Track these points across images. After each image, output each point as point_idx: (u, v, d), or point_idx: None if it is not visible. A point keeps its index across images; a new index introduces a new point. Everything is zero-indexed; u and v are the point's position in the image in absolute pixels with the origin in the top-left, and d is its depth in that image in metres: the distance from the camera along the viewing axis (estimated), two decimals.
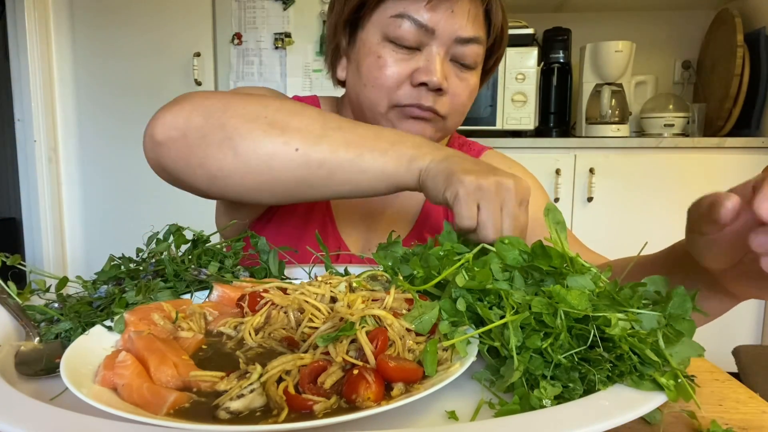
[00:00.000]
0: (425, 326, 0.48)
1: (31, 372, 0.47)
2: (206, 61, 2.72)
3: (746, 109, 2.38)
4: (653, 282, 0.49)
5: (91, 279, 0.62)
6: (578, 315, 0.43)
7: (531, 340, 0.43)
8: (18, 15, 2.62)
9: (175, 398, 0.39)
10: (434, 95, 0.79)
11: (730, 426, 0.41)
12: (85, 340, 0.48)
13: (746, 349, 1.46)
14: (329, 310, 0.52)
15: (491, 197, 0.55)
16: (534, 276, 0.49)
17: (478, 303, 0.48)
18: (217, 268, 0.64)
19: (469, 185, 0.55)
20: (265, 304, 0.54)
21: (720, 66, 2.48)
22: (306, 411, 0.38)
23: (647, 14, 2.78)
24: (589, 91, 2.55)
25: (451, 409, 0.41)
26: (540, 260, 0.49)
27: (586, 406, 0.39)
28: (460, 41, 0.78)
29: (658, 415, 0.42)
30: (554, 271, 0.48)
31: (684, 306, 0.45)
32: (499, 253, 0.50)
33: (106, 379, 0.42)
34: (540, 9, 2.76)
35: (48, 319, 0.55)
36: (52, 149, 2.75)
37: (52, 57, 2.75)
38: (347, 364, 0.43)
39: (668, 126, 2.47)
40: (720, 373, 0.51)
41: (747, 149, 2.21)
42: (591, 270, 0.48)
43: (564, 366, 0.42)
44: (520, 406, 0.40)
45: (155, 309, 0.52)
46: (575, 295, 0.44)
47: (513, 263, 0.50)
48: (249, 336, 0.50)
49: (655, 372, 0.41)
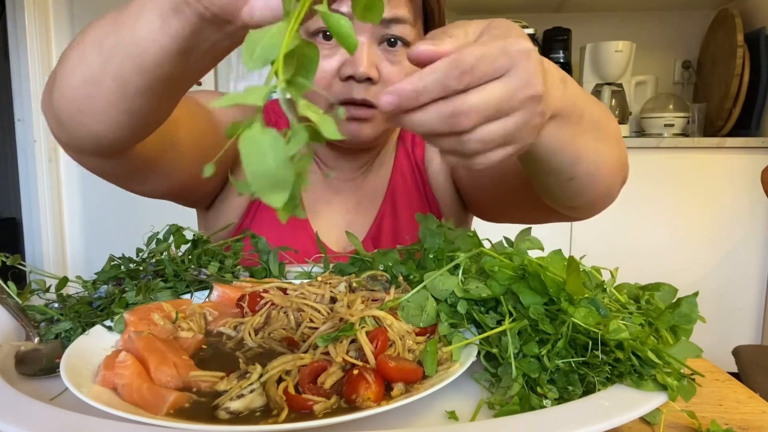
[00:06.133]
0: (429, 320, 0.48)
1: (31, 372, 0.47)
2: None
3: (746, 109, 2.38)
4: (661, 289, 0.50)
5: (91, 279, 0.62)
6: (587, 331, 0.43)
7: (528, 347, 0.43)
8: (18, 15, 2.62)
9: (174, 398, 0.39)
10: (365, 86, 0.75)
11: (730, 426, 0.41)
12: (85, 340, 0.48)
13: (746, 349, 1.46)
14: (329, 311, 0.52)
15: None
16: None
17: (475, 308, 0.48)
18: (217, 268, 0.64)
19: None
20: (265, 304, 0.54)
21: (720, 66, 2.48)
22: (306, 411, 0.38)
23: (647, 14, 2.78)
24: (589, 91, 2.54)
25: (451, 409, 0.41)
26: (534, 283, 0.47)
27: (586, 406, 0.39)
28: (381, 23, 0.74)
29: (658, 415, 0.42)
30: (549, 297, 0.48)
31: (691, 313, 0.45)
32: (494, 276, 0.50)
33: (106, 379, 0.42)
34: (540, 9, 2.75)
35: (48, 319, 0.55)
36: (52, 149, 2.75)
37: (52, 57, 2.75)
38: (347, 364, 0.43)
39: (668, 126, 2.47)
40: (720, 373, 0.51)
41: (747, 149, 2.21)
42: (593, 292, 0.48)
43: (563, 370, 0.42)
44: (520, 407, 0.40)
45: (155, 309, 0.52)
46: (583, 313, 0.44)
47: (507, 282, 0.49)
48: (249, 336, 0.50)
49: (656, 371, 0.41)
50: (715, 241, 2.27)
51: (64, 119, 0.57)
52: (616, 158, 0.59)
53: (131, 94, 0.50)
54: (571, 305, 0.44)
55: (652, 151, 2.26)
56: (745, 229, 2.26)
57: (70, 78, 0.54)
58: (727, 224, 2.26)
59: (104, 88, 0.51)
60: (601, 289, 0.50)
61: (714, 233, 2.27)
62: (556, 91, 0.44)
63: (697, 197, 2.26)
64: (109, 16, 0.52)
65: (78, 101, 0.54)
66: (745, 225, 2.26)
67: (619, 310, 0.47)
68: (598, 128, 0.53)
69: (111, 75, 0.50)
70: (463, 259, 0.50)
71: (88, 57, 0.52)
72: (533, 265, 0.46)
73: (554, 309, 0.45)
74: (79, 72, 0.53)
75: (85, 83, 0.52)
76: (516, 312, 0.46)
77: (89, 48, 0.52)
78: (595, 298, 0.46)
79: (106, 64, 0.50)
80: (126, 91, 0.50)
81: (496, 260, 0.48)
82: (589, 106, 0.51)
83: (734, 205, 2.25)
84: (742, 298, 2.29)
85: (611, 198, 0.64)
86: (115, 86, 0.50)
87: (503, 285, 0.47)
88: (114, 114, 0.53)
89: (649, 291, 0.52)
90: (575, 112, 0.48)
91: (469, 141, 0.38)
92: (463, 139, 0.39)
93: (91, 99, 0.53)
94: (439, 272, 0.49)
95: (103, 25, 0.51)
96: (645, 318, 0.46)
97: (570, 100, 0.46)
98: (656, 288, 0.52)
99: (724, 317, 2.29)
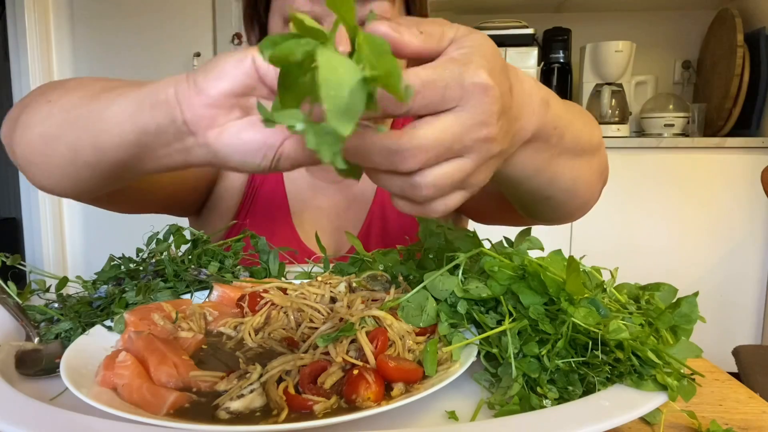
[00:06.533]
0: (429, 320, 0.48)
1: (31, 372, 0.47)
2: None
3: (746, 109, 2.38)
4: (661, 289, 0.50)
5: (91, 279, 0.62)
6: (587, 331, 0.43)
7: (528, 347, 0.43)
8: (18, 15, 2.62)
9: (174, 398, 0.39)
10: None
11: (730, 426, 0.41)
12: (85, 340, 0.48)
13: (746, 349, 1.46)
14: (329, 311, 0.52)
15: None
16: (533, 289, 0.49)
17: (475, 308, 0.48)
18: (217, 268, 0.64)
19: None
20: (265, 304, 0.54)
21: (720, 66, 2.48)
22: (306, 411, 0.38)
23: (647, 14, 2.78)
24: (589, 91, 2.55)
25: (451, 409, 0.41)
26: (534, 283, 0.47)
27: (586, 406, 0.39)
28: (357, 1, 0.72)
29: (658, 415, 0.42)
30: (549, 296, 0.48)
31: (691, 313, 0.45)
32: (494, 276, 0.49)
33: (106, 379, 0.42)
34: (540, 9, 2.75)
35: (48, 319, 0.55)
36: None
37: (52, 57, 2.75)
38: (347, 364, 0.43)
39: (668, 126, 2.47)
40: (720, 373, 0.51)
41: (747, 149, 2.21)
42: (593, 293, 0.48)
43: (563, 370, 0.42)
44: (520, 407, 0.41)
45: (155, 309, 0.52)
46: (583, 313, 0.44)
47: (507, 282, 0.49)
48: (249, 336, 0.50)
49: (656, 371, 0.41)
50: (715, 240, 2.27)
51: (19, 162, 0.58)
52: (596, 168, 0.58)
53: (80, 166, 0.51)
54: (571, 305, 0.44)
55: (652, 151, 2.26)
56: (744, 229, 2.26)
57: (30, 130, 0.54)
58: (727, 224, 2.26)
59: (57, 152, 0.52)
60: (601, 289, 0.50)
61: (714, 233, 2.27)
62: (535, 116, 0.42)
63: (697, 197, 2.26)
64: (98, 86, 0.52)
65: (32, 154, 0.55)
66: (744, 225, 2.26)
67: (619, 310, 0.47)
68: (578, 144, 0.51)
69: (66, 141, 0.50)
70: (463, 259, 0.50)
71: (53, 117, 0.52)
72: (533, 265, 0.46)
73: (554, 309, 0.45)
74: (39, 128, 0.53)
75: (42, 140, 0.53)
76: (516, 312, 0.46)
77: (57, 109, 0.52)
78: (595, 298, 0.46)
79: (66, 129, 0.50)
80: (75, 162, 0.50)
81: (496, 260, 0.48)
82: (571, 124, 0.48)
83: (734, 205, 2.25)
84: (742, 298, 2.29)
85: (592, 204, 0.63)
86: (67, 153, 0.51)
87: (503, 285, 0.47)
88: (60, 177, 0.54)
89: (649, 291, 0.52)
90: (555, 134, 0.46)
91: (419, 186, 0.35)
92: (413, 182, 0.35)
93: (44, 156, 0.54)
94: (439, 272, 0.49)
95: (84, 95, 0.51)
96: (645, 318, 0.46)
97: (551, 123, 0.44)
98: (656, 288, 0.52)
99: (724, 317, 2.29)
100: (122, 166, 0.48)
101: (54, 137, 0.51)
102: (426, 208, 0.37)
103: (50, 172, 0.54)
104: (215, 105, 0.39)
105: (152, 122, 0.41)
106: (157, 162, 0.45)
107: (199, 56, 2.69)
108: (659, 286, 0.52)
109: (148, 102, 0.42)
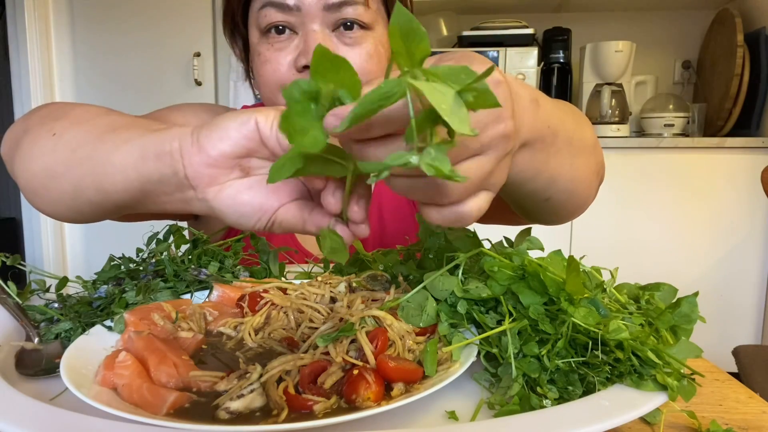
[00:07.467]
0: (429, 320, 0.48)
1: (31, 372, 0.47)
2: (206, 61, 2.72)
3: (746, 109, 2.38)
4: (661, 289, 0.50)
5: (91, 279, 0.62)
6: (587, 331, 0.43)
7: (528, 347, 0.43)
8: (18, 15, 2.62)
9: (174, 398, 0.39)
10: None
11: (730, 426, 0.41)
12: (85, 340, 0.48)
13: (746, 349, 1.46)
14: (329, 311, 0.52)
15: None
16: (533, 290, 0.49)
17: (475, 308, 0.48)
18: (217, 268, 0.64)
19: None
20: (265, 304, 0.54)
21: (720, 66, 2.48)
22: (306, 411, 0.38)
23: (647, 14, 2.78)
24: (589, 91, 2.55)
25: (451, 409, 0.41)
26: (534, 283, 0.47)
27: (586, 406, 0.39)
28: (329, 8, 0.73)
29: (658, 415, 0.42)
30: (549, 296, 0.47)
31: (691, 313, 0.45)
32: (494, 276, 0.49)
33: (106, 379, 0.42)
34: (540, 9, 2.76)
35: (48, 319, 0.55)
36: None
37: (52, 57, 2.75)
38: (347, 364, 0.43)
39: (668, 126, 2.47)
40: (720, 373, 0.51)
41: (747, 149, 2.21)
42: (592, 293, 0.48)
43: (563, 370, 0.42)
44: (520, 407, 0.41)
45: (155, 309, 0.52)
46: (583, 313, 0.44)
47: (507, 282, 0.49)
48: (249, 336, 0.50)
49: (656, 371, 0.41)
50: (715, 240, 2.27)
51: (20, 186, 0.58)
52: (593, 167, 0.58)
53: (81, 202, 0.51)
54: (571, 305, 0.44)
55: (652, 151, 2.26)
56: (745, 229, 2.26)
57: (34, 162, 0.55)
58: (727, 224, 2.26)
59: (59, 187, 0.52)
60: (601, 289, 0.50)
61: (714, 233, 2.27)
62: (527, 116, 0.41)
63: (698, 197, 2.26)
64: (103, 123, 0.52)
65: (34, 185, 0.56)
66: (745, 225, 2.26)
67: (619, 310, 0.47)
68: (572, 143, 0.51)
69: (70, 180, 0.51)
70: (463, 259, 0.50)
71: (57, 153, 0.53)
72: (533, 265, 0.46)
73: (554, 309, 0.45)
74: (42, 161, 0.54)
75: (45, 174, 0.54)
76: (516, 312, 0.46)
77: (61, 146, 0.53)
78: (595, 298, 0.46)
79: (70, 168, 0.51)
80: (77, 199, 0.51)
81: (496, 260, 0.48)
82: (563, 123, 0.48)
83: (734, 205, 2.24)
84: (742, 298, 2.29)
85: (590, 203, 0.63)
86: (69, 190, 0.51)
87: (503, 285, 0.47)
88: (62, 209, 0.55)
89: (649, 291, 0.52)
90: (548, 134, 0.45)
91: (447, 186, 0.34)
92: (439, 183, 0.34)
93: (46, 189, 0.54)
94: (439, 272, 0.49)
95: (89, 132, 0.52)
96: (645, 318, 0.46)
97: (543, 123, 0.44)
98: (656, 288, 0.52)
99: (724, 317, 2.29)
100: (124, 206, 0.49)
101: (57, 174, 0.52)
102: (458, 211, 0.36)
103: (52, 202, 0.55)
104: (215, 165, 0.40)
105: (156, 172, 0.43)
106: (160, 206, 0.46)
107: (199, 56, 2.69)
108: (659, 286, 0.52)
109: (152, 152, 0.43)
